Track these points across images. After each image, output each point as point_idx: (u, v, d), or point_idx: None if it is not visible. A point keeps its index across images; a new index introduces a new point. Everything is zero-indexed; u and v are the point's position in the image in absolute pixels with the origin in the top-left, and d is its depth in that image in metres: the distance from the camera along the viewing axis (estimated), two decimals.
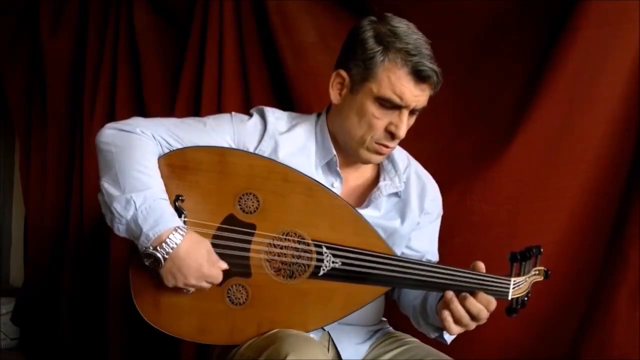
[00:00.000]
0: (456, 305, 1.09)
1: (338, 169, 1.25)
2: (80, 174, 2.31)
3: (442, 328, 1.20)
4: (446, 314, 1.09)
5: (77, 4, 2.38)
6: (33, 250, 2.59)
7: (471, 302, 1.09)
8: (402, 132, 1.17)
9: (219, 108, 1.93)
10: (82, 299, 2.32)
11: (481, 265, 1.13)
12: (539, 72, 1.57)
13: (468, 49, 1.71)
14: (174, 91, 2.07)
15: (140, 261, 1.08)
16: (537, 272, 1.20)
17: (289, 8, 1.87)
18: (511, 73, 1.65)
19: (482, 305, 1.09)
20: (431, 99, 1.20)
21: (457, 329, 1.10)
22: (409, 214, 1.28)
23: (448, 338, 1.25)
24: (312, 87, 1.81)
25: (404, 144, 1.28)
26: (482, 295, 1.10)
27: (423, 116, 1.25)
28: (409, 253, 1.32)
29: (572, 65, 1.52)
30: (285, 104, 1.91)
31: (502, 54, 1.67)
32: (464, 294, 1.10)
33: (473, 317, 1.09)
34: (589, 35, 1.50)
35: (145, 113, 2.15)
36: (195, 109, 1.98)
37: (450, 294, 1.10)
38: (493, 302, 1.10)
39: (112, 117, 2.21)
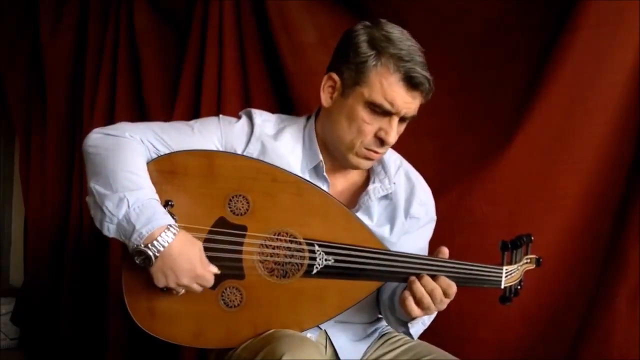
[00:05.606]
0: (417, 286, 1.08)
1: (325, 174, 1.23)
2: (80, 174, 2.31)
3: (407, 321, 1.19)
4: (406, 294, 1.09)
5: (77, 4, 2.38)
6: (33, 250, 2.59)
7: (427, 280, 1.08)
8: (392, 138, 1.17)
9: (219, 108, 1.92)
10: (82, 299, 2.32)
11: (445, 250, 1.13)
12: (539, 72, 1.57)
13: (468, 49, 1.70)
14: (174, 91, 2.07)
15: (132, 267, 1.07)
16: (528, 260, 1.21)
17: (289, 8, 1.87)
18: (511, 73, 1.65)
19: (438, 285, 1.08)
20: (432, 99, 1.20)
21: (417, 311, 1.08)
22: (398, 218, 1.27)
23: (414, 333, 1.24)
24: (312, 87, 1.79)
25: (404, 144, 1.27)
26: (443, 279, 1.09)
27: (423, 116, 1.25)
28: None
29: (572, 65, 1.52)
30: (285, 104, 1.91)
31: (502, 54, 1.67)
32: (422, 275, 1.09)
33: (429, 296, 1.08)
34: (589, 35, 1.50)
35: (145, 113, 2.15)
36: (195, 109, 1.98)
37: (412, 277, 1.10)
38: (453, 286, 1.09)
39: (112, 117, 2.21)
